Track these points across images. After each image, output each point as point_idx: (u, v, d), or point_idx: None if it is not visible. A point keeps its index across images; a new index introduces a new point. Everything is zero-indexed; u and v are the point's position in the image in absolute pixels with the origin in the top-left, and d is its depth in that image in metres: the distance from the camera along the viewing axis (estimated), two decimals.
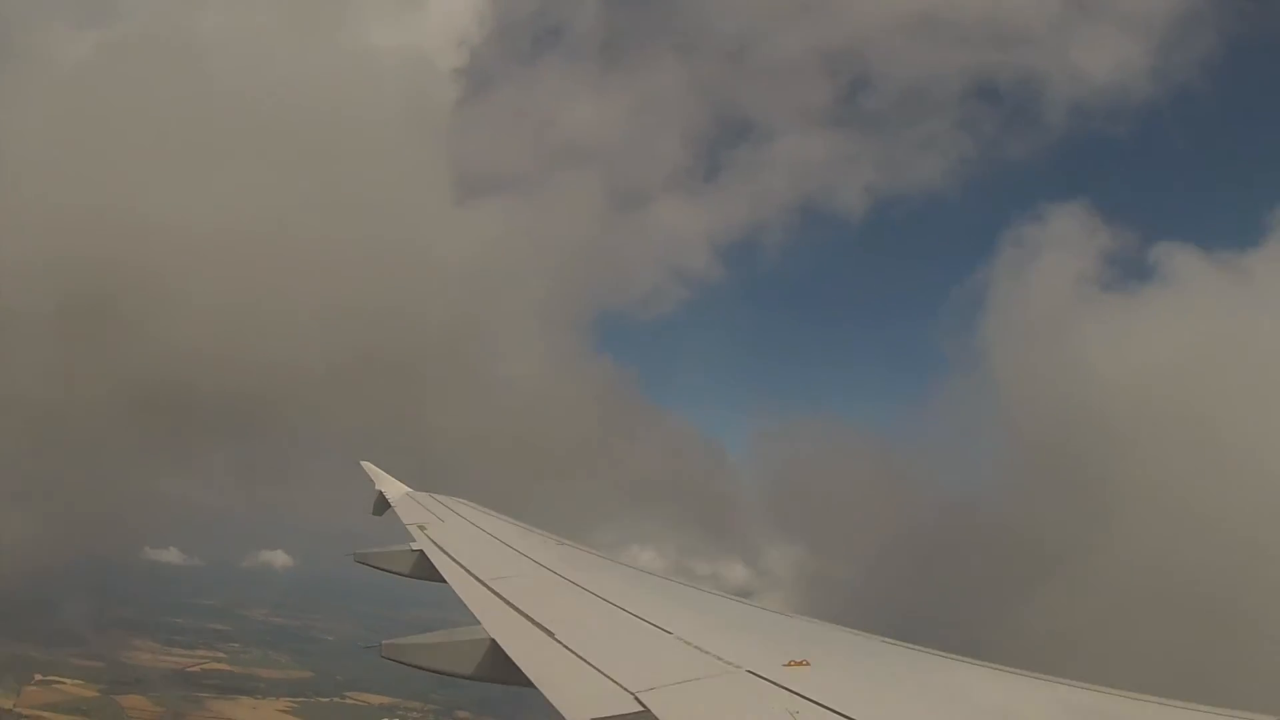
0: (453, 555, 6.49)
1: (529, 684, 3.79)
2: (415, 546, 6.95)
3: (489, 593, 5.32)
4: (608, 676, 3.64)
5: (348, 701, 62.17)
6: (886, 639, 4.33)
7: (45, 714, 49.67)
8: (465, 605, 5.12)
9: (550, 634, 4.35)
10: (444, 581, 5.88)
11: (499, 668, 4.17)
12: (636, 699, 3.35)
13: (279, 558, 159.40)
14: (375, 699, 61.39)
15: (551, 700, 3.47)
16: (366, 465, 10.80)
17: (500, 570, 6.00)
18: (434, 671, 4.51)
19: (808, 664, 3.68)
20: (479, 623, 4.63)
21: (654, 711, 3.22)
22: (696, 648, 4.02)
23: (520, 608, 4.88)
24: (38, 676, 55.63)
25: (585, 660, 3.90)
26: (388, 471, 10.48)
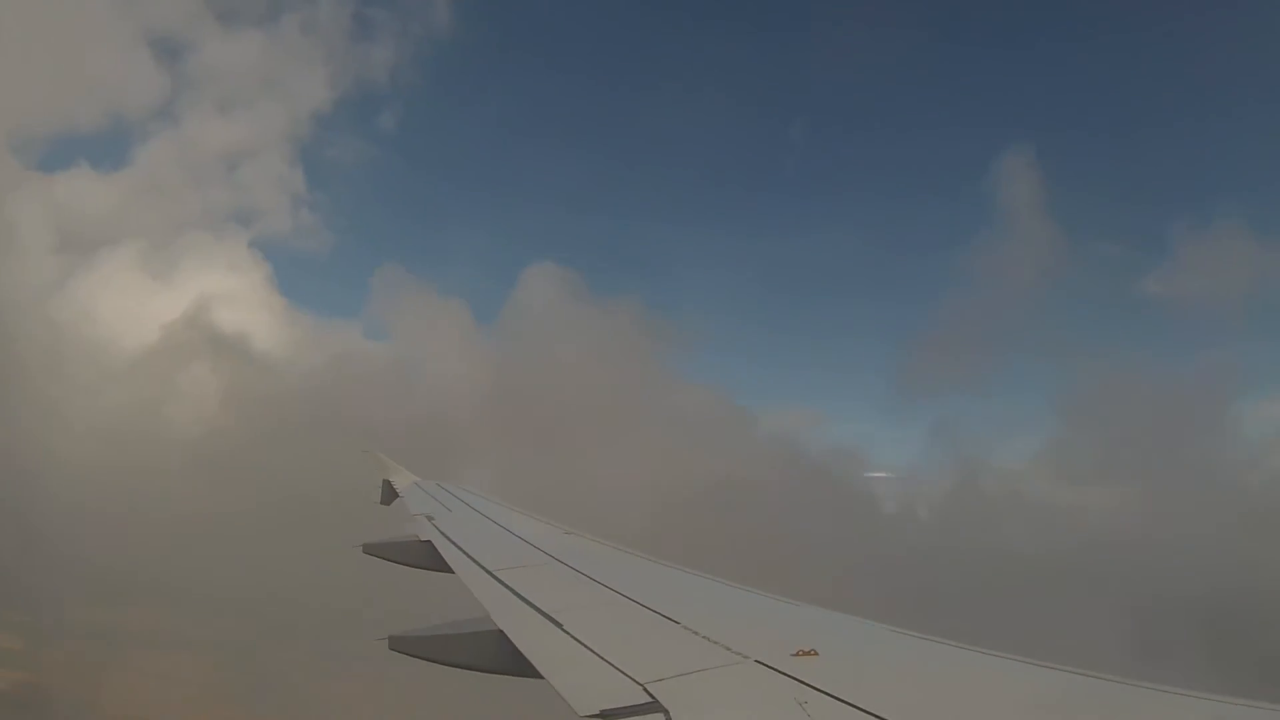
0: (460, 546, 6.51)
1: (538, 675, 3.80)
2: (423, 537, 6.97)
3: (497, 583, 5.33)
4: (616, 668, 3.65)
5: None
6: (894, 628, 4.32)
7: None
8: (473, 596, 5.13)
9: (558, 625, 4.35)
10: (452, 572, 5.90)
11: (507, 659, 4.18)
12: (645, 690, 3.36)
13: None
14: None
15: (560, 692, 3.48)
16: (375, 454, 10.81)
17: (507, 560, 6.01)
18: (441, 663, 4.53)
19: (816, 654, 3.68)
20: (487, 614, 4.64)
21: (663, 703, 3.22)
22: (705, 638, 4.02)
23: (528, 598, 4.89)
24: None
25: (593, 651, 3.90)
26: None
